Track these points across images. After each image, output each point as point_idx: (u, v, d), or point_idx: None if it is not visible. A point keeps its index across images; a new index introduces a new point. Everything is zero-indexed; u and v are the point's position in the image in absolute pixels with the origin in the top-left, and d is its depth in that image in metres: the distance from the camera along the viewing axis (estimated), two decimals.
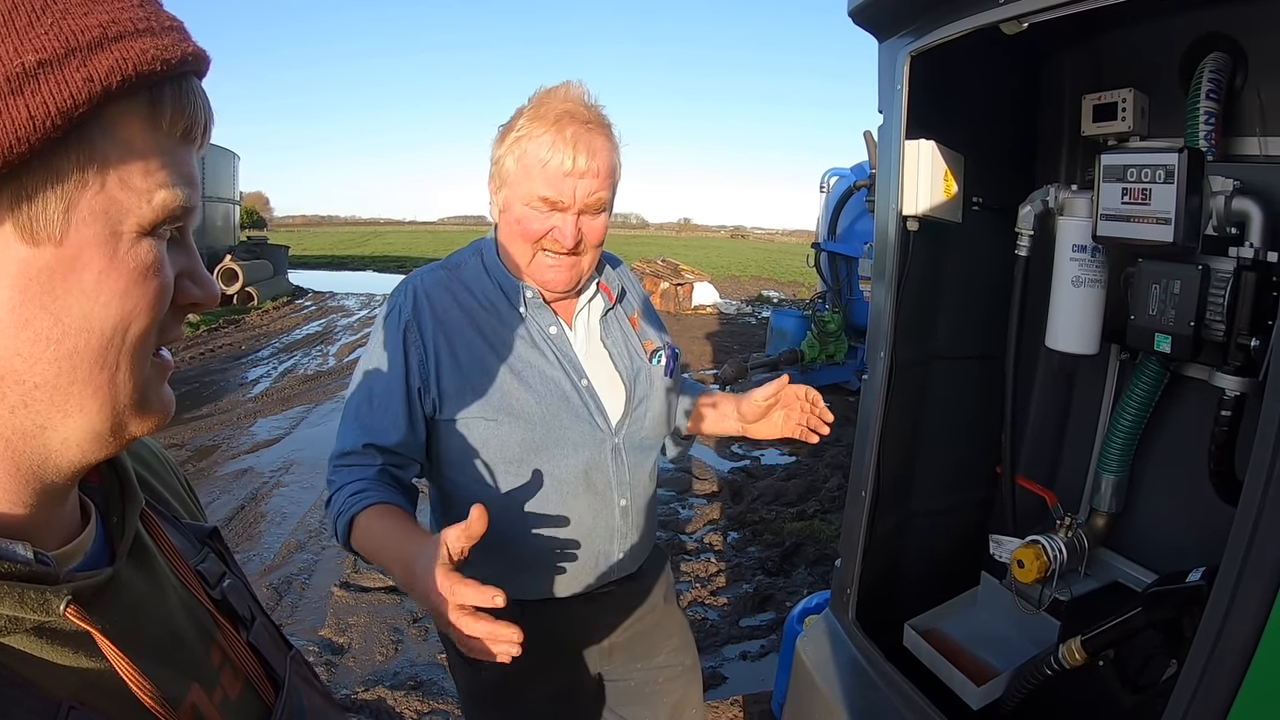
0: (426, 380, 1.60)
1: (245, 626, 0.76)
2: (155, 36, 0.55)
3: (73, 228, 0.52)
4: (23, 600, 0.52)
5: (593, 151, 1.55)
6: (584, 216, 1.59)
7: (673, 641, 1.92)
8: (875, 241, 1.98)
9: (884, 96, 1.88)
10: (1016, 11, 1.45)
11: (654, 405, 1.76)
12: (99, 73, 0.51)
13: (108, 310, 0.54)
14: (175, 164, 0.57)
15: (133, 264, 0.55)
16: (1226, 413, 1.57)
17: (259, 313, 15.58)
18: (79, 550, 0.62)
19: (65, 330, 0.52)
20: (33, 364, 0.52)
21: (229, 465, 6.62)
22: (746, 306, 19.25)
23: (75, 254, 0.52)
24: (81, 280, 0.52)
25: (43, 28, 0.50)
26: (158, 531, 0.72)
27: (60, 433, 0.55)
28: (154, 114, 0.55)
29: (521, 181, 1.57)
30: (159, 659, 0.61)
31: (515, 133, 1.56)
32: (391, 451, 1.59)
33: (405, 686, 3.62)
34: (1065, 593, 1.85)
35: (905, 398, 2.06)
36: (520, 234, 1.60)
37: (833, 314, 9.52)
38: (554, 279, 1.63)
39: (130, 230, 0.54)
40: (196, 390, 9.37)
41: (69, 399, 0.54)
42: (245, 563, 4.69)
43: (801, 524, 5.44)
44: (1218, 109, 1.62)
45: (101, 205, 0.53)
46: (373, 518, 1.46)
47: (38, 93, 0.48)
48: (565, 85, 1.59)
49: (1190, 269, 1.53)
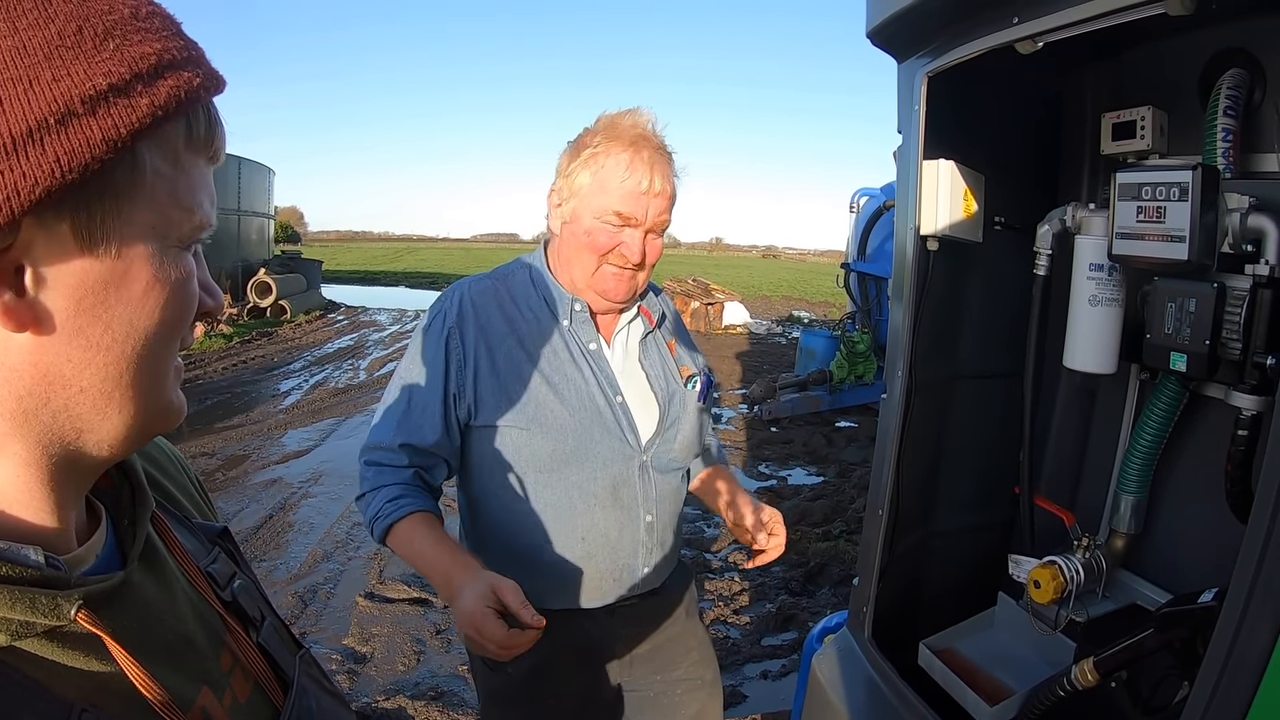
0: (463, 386, 1.65)
1: (255, 628, 0.77)
2: (196, 65, 0.58)
3: (127, 241, 0.55)
4: (34, 605, 0.53)
5: (665, 175, 1.63)
6: (649, 235, 1.66)
7: (693, 655, 1.93)
8: (894, 261, 1.99)
9: (903, 116, 1.90)
10: (1031, 31, 1.46)
11: (685, 429, 1.79)
12: (159, 99, 0.54)
13: (152, 319, 0.57)
14: (206, 183, 0.61)
15: (175, 276, 0.58)
16: (1243, 431, 1.55)
17: (291, 326, 15.80)
18: (90, 554, 0.63)
19: (114, 338, 0.56)
20: (81, 369, 0.55)
21: (259, 475, 6.70)
22: (777, 326, 19.20)
23: (128, 266, 0.55)
24: (131, 290, 0.56)
25: (106, 53, 0.53)
26: (168, 533, 0.73)
27: (96, 435, 0.58)
28: (190, 136, 0.58)
29: (595, 196, 1.62)
30: (169, 663, 0.62)
31: (591, 149, 1.62)
32: (425, 452, 1.66)
33: (426, 697, 3.64)
34: (1082, 614, 1.83)
35: (924, 417, 2.05)
36: (588, 245, 1.64)
37: (862, 334, 9.49)
38: (615, 288, 1.67)
39: (174, 244, 0.58)
40: (228, 400, 9.51)
41: (110, 402, 0.57)
42: (271, 571, 4.77)
43: (827, 544, 5.40)
44: (1236, 125, 1.61)
45: (150, 220, 0.56)
46: (413, 527, 1.59)
47: (109, 115, 0.51)
48: (636, 111, 1.66)
49: (1206, 287, 1.53)
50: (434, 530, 1.59)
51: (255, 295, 16.46)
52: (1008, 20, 1.50)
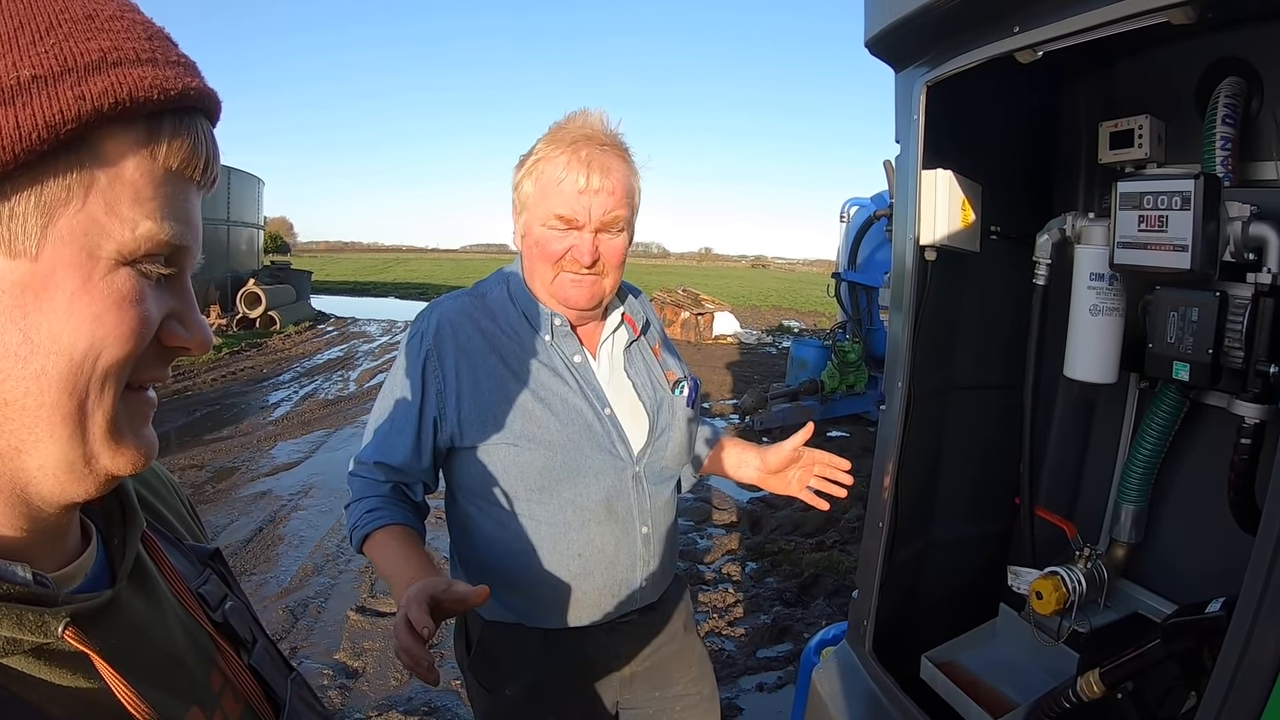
0: (444, 409, 1.62)
1: (246, 649, 0.76)
2: (158, 68, 0.55)
3: (49, 244, 0.51)
4: (21, 622, 0.52)
5: (607, 170, 1.57)
6: (601, 235, 1.61)
7: (691, 671, 1.91)
8: (893, 271, 1.98)
9: (901, 126, 1.89)
10: (1030, 41, 1.46)
11: (675, 435, 1.77)
12: (92, 93, 0.51)
13: (77, 335, 0.53)
14: (168, 198, 0.57)
15: (107, 291, 0.54)
16: (1246, 440, 1.55)
17: (281, 337, 15.77)
18: (79, 572, 0.62)
19: (34, 349, 0.52)
20: (2, 380, 0.52)
21: (248, 487, 6.66)
22: (767, 336, 19.23)
23: (49, 272, 0.52)
24: (54, 300, 0.52)
25: (44, 47, 0.51)
26: (158, 553, 0.72)
27: (35, 458, 0.55)
28: (150, 143, 0.55)
29: (539, 203, 1.60)
30: (158, 682, 0.61)
31: (534, 157, 1.60)
32: (398, 470, 1.67)
33: (419, 713, 3.61)
34: (1084, 624, 1.82)
35: (923, 428, 2.04)
36: (540, 255, 1.62)
37: (853, 344, 9.51)
38: (575, 295, 1.63)
39: (109, 256, 0.54)
40: (218, 412, 9.47)
41: (39, 422, 0.53)
42: (262, 585, 4.73)
43: (820, 555, 5.39)
44: (1234, 134, 1.62)
45: (81, 225, 0.52)
46: (385, 538, 1.61)
47: (28, 105, 0.49)
48: (584, 112, 1.63)
49: (1208, 296, 1.52)
50: (404, 543, 1.59)
51: (244, 306, 16.41)
52: (1008, 30, 1.50)
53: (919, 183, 1.84)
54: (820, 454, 1.89)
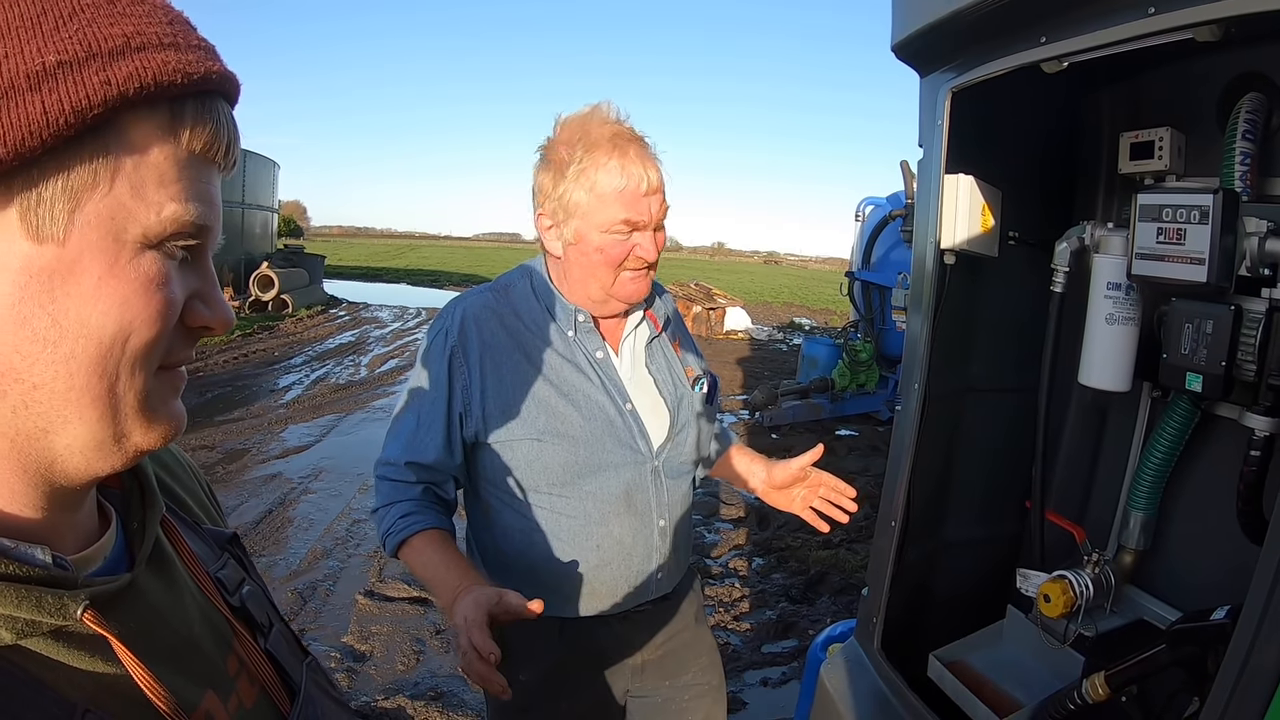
0: (469, 405, 1.65)
1: (263, 634, 0.77)
2: (180, 52, 0.56)
3: (77, 229, 0.52)
4: (40, 604, 0.52)
5: (654, 166, 1.61)
6: (656, 231, 1.65)
7: (701, 660, 1.94)
8: (913, 273, 2.00)
9: (925, 131, 1.91)
10: (1058, 51, 1.48)
11: (694, 432, 1.80)
12: (117, 78, 0.51)
13: (106, 318, 0.53)
14: (192, 180, 0.57)
15: (134, 274, 0.54)
16: (1256, 452, 1.57)
17: (293, 320, 15.81)
18: (98, 555, 0.62)
19: (63, 333, 0.52)
20: (31, 363, 0.52)
21: (259, 470, 6.71)
22: (778, 333, 19.20)
23: (76, 256, 0.52)
24: (81, 284, 0.52)
25: (68, 32, 0.51)
26: (177, 537, 0.73)
27: (63, 438, 0.55)
28: (174, 127, 0.56)
29: (598, 211, 1.58)
30: (175, 665, 0.62)
31: (576, 165, 1.57)
32: (432, 469, 1.67)
33: (426, 697, 3.65)
34: (1090, 628, 1.84)
35: (938, 429, 2.07)
36: (604, 261, 1.61)
37: (864, 343, 9.49)
38: (635, 290, 1.66)
39: (134, 239, 0.54)
40: (229, 394, 9.52)
41: (68, 404, 0.54)
42: (271, 567, 4.77)
43: (827, 553, 5.41)
44: (1254, 149, 1.63)
45: (107, 210, 0.53)
46: (424, 544, 1.61)
47: (54, 91, 0.49)
48: (597, 108, 1.63)
49: (1223, 309, 1.54)
50: (443, 548, 1.60)
51: (257, 289, 16.46)
52: (1035, 40, 1.52)
53: (941, 187, 1.86)
54: (827, 476, 1.91)
